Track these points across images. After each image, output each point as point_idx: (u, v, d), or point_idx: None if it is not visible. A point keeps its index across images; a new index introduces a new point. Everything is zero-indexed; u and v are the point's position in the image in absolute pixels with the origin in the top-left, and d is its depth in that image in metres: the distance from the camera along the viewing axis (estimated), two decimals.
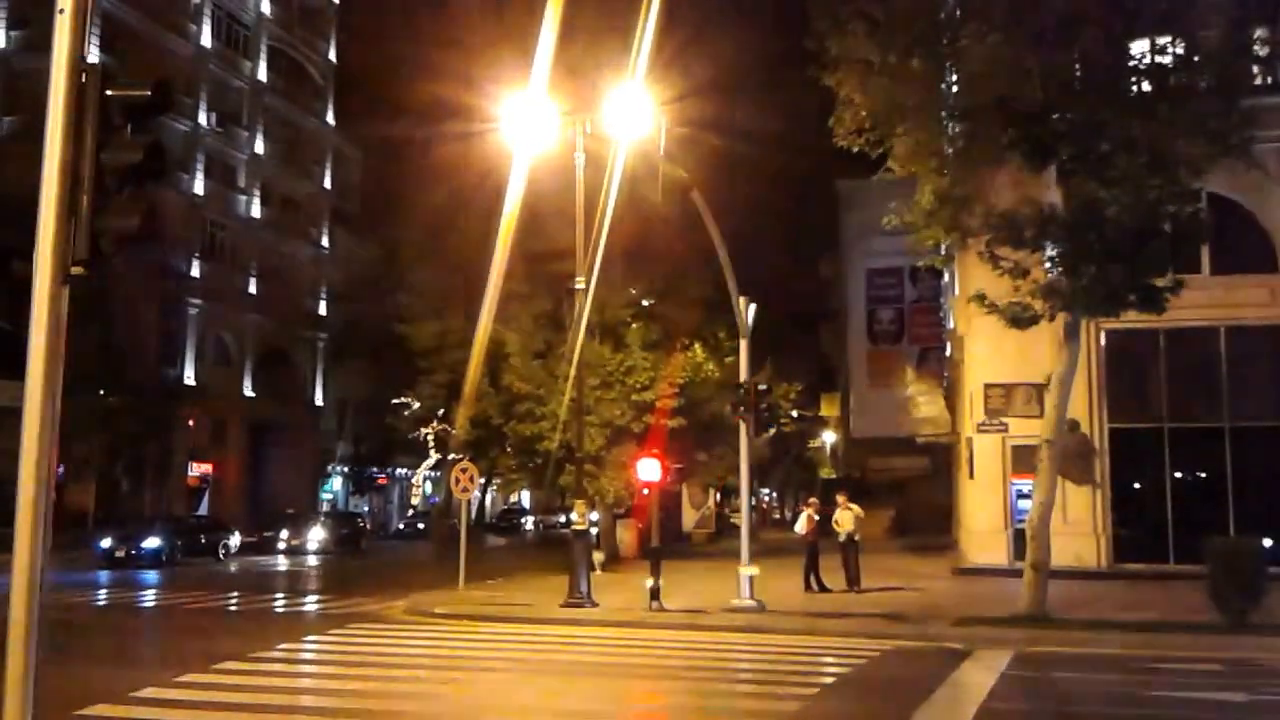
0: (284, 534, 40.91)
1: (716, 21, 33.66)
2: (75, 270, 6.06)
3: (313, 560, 37.66)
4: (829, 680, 13.03)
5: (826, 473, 66.50)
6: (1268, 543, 17.09)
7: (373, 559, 39.13)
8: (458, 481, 23.99)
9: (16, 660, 5.80)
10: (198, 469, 49.40)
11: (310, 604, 22.62)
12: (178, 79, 44.09)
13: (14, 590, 5.88)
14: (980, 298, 17.48)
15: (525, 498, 69.41)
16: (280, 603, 22.83)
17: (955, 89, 17.88)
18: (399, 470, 64.20)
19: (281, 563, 36.26)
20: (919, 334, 44.33)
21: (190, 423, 47.65)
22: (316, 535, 40.77)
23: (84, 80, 6.15)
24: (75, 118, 6.10)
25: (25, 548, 5.92)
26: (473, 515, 37.74)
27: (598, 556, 26.00)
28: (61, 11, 6.11)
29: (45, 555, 5.98)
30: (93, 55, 6.27)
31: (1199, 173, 16.48)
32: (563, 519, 51.38)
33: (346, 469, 61.72)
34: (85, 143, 6.12)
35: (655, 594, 19.12)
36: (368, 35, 59.21)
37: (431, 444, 42.51)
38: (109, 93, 6.27)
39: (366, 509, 64.50)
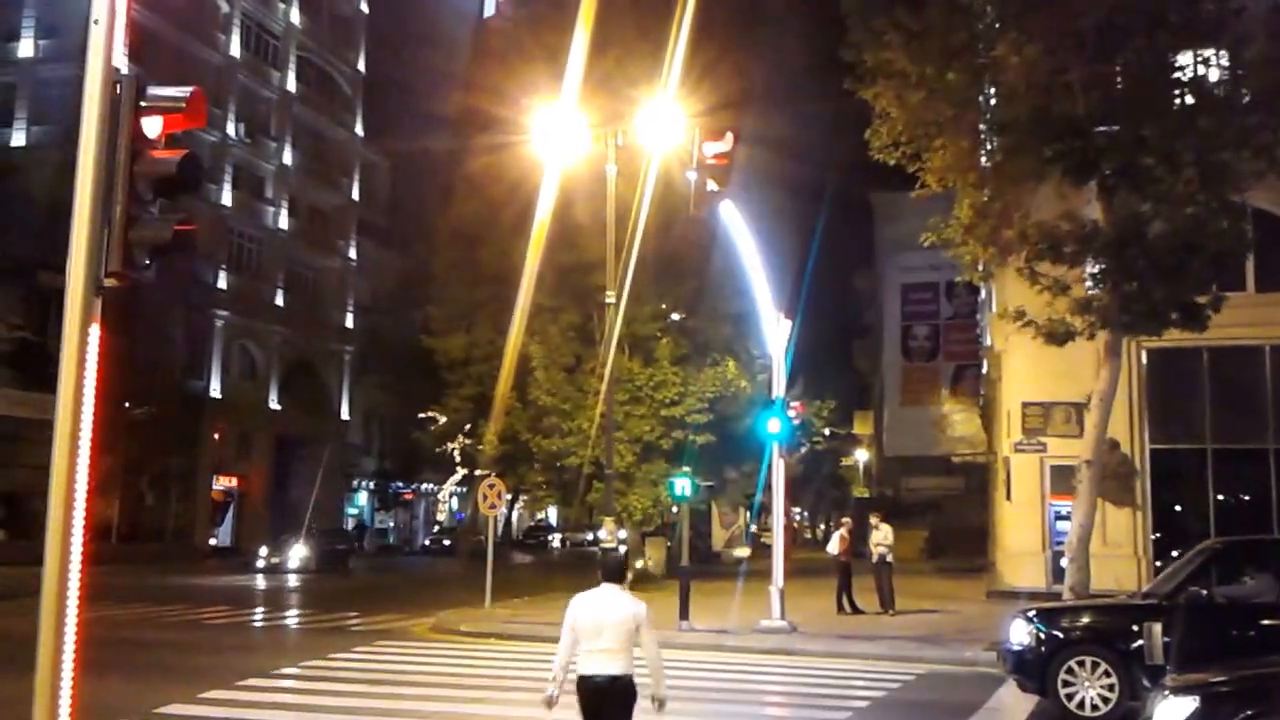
0: (263, 551, 38.02)
1: (750, 34, 33.52)
2: (108, 282, 6.03)
3: (262, 583, 33.41)
4: (862, 704, 12.84)
5: (860, 492, 66.05)
6: None
7: (361, 579, 36.12)
8: (485, 498, 23.84)
9: (45, 674, 5.76)
10: (223, 482, 49.42)
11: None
12: (206, 89, 44.25)
13: (43, 605, 5.81)
14: (1019, 314, 17.19)
15: (552, 514, 69.31)
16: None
17: (993, 101, 17.64)
18: (425, 485, 64.16)
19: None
20: (954, 351, 43.99)
21: (216, 436, 47.72)
22: (299, 553, 37.37)
23: (118, 91, 6.11)
24: (109, 128, 6.06)
25: (55, 561, 5.83)
26: (499, 532, 37.58)
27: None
28: (96, 22, 6.09)
29: (76, 569, 5.88)
30: (126, 67, 6.17)
31: (1244, 188, 16.16)
32: (590, 536, 51.21)
33: (372, 484, 61.70)
34: (119, 154, 6.08)
35: (684, 613, 18.95)
36: (397, 46, 59.53)
37: (458, 459, 42.43)
38: (143, 103, 6.22)
39: (392, 524, 64.45)
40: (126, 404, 36.45)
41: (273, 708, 11.72)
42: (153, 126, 6.25)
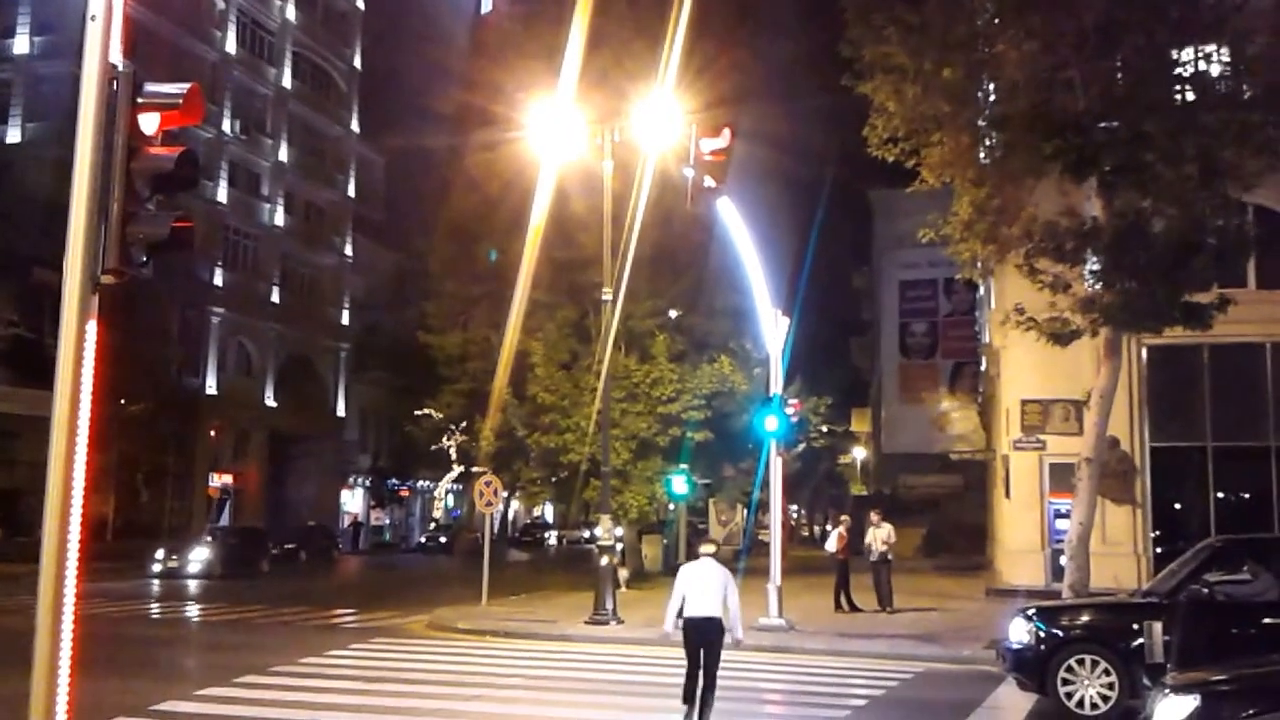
0: (159, 554, 33.35)
1: (747, 30, 33.43)
2: (105, 278, 6.00)
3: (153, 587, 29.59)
4: (860, 702, 12.82)
5: (857, 489, 66.06)
6: None
7: (269, 584, 30.98)
8: (481, 495, 23.80)
9: (42, 672, 5.76)
10: (219, 479, 49.33)
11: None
12: (202, 85, 44.02)
13: (41, 602, 5.82)
14: (1019, 312, 17.13)
15: (549, 512, 69.28)
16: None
17: (992, 97, 17.58)
18: (421, 482, 64.12)
19: None
20: (952, 348, 43.99)
21: (211, 433, 47.63)
22: (200, 556, 33.15)
23: (115, 87, 6.09)
24: (105, 124, 6.04)
25: (53, 558, 5.82)
26: (495, 529, 37.48)
27: (622, 573, 25.72)
28: (93, 19, 6.08)
29: (74, 565, 5.88)
30: (123, 64, 6.16)
31: (1245, 185, 16.10)
32: (586, 534, 51.20)
33: (368, 481, 61.64)
34: (115, 150, 6.05)
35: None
36: (393, 42, 59.40)
37: (454, 456, 42.32)
38: (140, 100, 6.20)
39: (388, 521, 64.40)
40: (122, 400, 36.32)
41: (270, 705, 11.67)
42: (149, 123, 6.23)
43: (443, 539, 57.15)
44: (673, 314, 31.42)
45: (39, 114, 42.70)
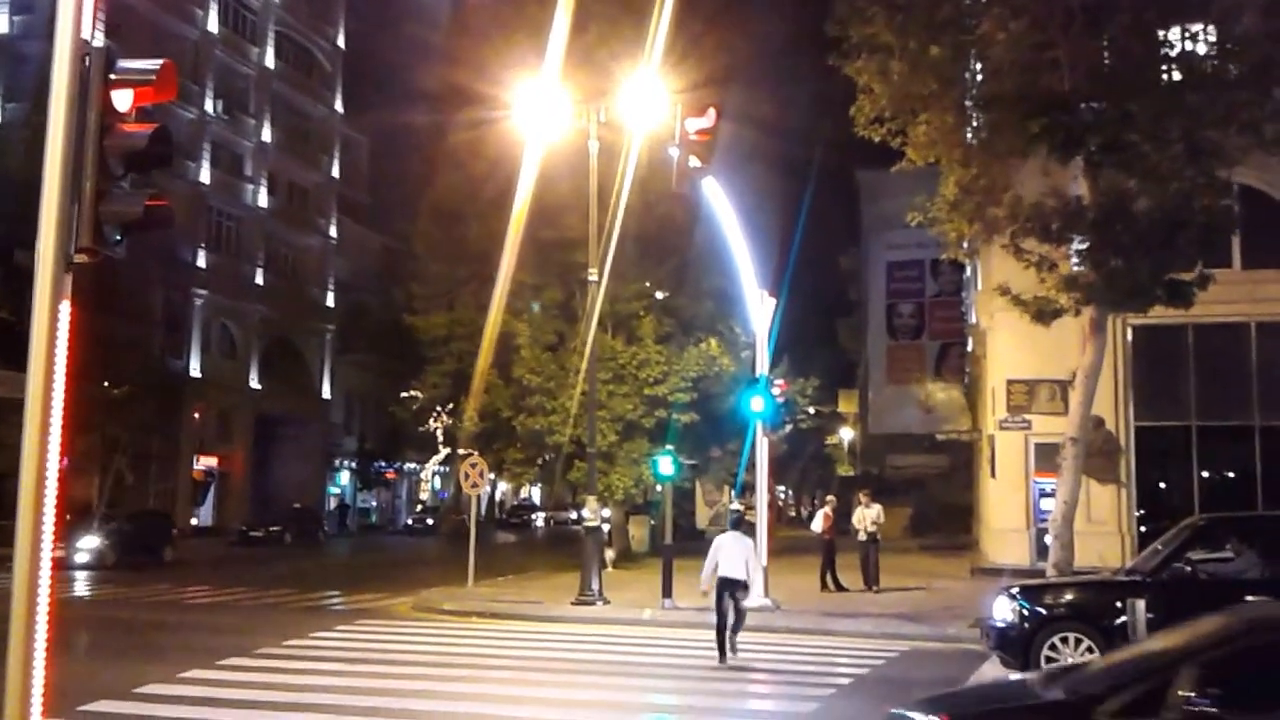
0: None
1: (735, 9, 33.22)
2: (78, 258, 5.93)
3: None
4: (845, 681, 12.88)
5: (844, 470, 66.21)
6: None
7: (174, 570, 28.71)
8: (467, 477, 23.75)
9: (18, 654, 5.74)
10: (203, 462, 49.14)
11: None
12: (183, 65, 43.78)
13: (16, 584, 5.82)
14: (1005, 291, 17.13)
15: (535, 493, 69.28)
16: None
17: (979, 77, 17.54)
18: (407, 465, 63.98)
19: None
20: (939, 328, 43.82)
21: (195, 415, 47.41)
22: (89, 545, 29.05)
23: (87, 63, 6.00)
24: (78, 101, 5.95)
25: (27, 541, 5.84)
26: (483, 511, 37.43)
27: (609, 553, 25.76)
28: None
29: (48, 549, 5.90)
30: (96, 39, 6.07)
31: (1231, 164, 16.11)
32: (573, 515, 51.25)
33: (355, 463, 61.50)
34: (88, 127, 5.96)
35: (667, 591, 18.94)
36: (377, 21, 58.92)
37: (440, 438, 42.18)
38: (113, 76, 6.11)
39: (374, 503, 64.33)
40: (105, 383, 36.10)
41: (254, 687, 11.62)
42: (123, 100, 6.14)
43: (429, 521, 57.15)
44: (659, 295, 31.31)
45: (18, 94, 42.25)
